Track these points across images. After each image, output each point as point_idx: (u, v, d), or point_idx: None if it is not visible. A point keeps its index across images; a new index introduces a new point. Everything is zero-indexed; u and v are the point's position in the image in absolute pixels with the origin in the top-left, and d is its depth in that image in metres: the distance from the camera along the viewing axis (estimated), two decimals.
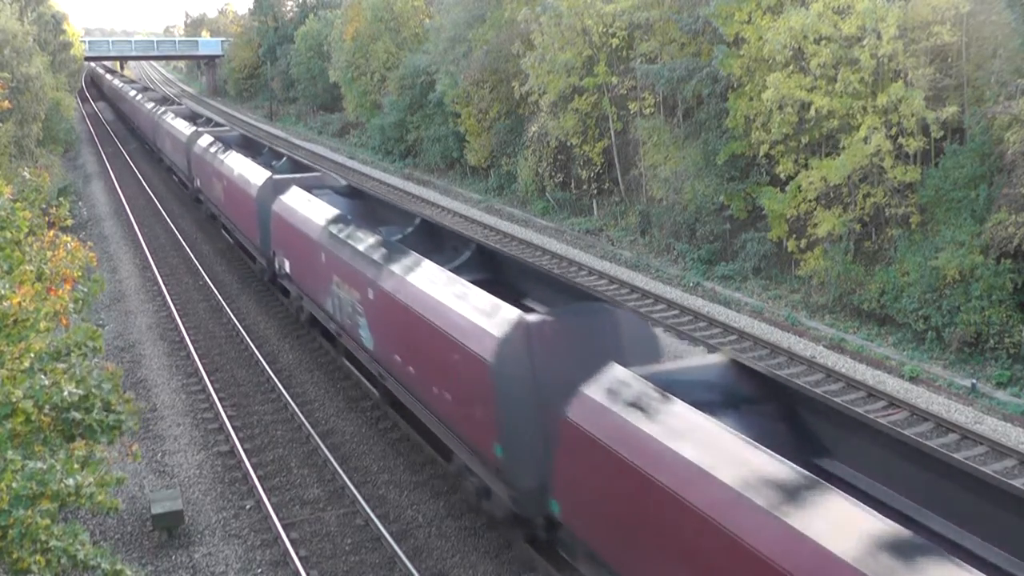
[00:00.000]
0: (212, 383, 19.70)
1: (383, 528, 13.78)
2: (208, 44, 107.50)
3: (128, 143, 62.34)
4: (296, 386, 19.66)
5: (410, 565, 12.79)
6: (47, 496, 7.31)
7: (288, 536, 13.70)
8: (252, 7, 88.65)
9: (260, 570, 13.15)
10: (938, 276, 20.86)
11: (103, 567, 7.71)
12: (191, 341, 22.34)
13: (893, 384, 19.52)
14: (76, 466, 7.83)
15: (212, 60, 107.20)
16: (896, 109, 22.20)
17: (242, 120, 77.51)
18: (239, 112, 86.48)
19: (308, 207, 20.67)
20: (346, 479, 15.32)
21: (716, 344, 21.75)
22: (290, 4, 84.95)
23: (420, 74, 47.47)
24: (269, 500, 14.74)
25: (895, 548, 6.82)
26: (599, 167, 35.18)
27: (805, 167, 24.61)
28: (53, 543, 7.37)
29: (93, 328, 9.67)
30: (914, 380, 19.91)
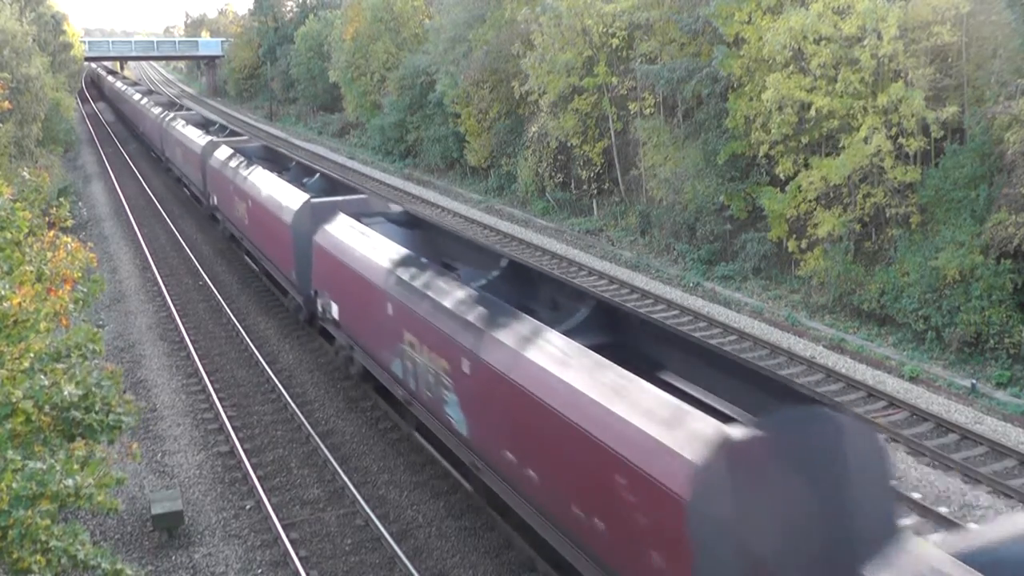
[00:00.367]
0: (212, 383, 19.69)
1: (383, 528, 13.78)
2: (208, 44, 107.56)
3: (128, 143, 62.34)
4: (296, 386, 19.66)
5: (410, 565, 12.80)
6: (47, 496, 7.31)
7: (288, 536, 13.70)
8: (252, 7, 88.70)
9: (260, 570, 13.15)
10: (938, 276, 20.86)
11: (103, 567, 7.72)
12: (191, 341, 22.34)
13: (893, 384, 19.52)
14: (76, 466, 7.83)
15: (212, 60, 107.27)
16: (896, 109, 22.20)
17: (242, 120, 77.50)
18: (239, 112, 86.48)
19: (363, 242, 17.18)
20: (346, 479, 15.32)
21: (716, 344, 21.74)
22: (290, 4, 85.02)
23: (420, 74, 47.48)
24: (269, 500, 14.74)
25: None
26: (599, 167, 35.18)
27: (805, 167, 24.62)
28: (53, 543, 7.38)
29: (93, 329, 9.68)
30: (914, 380, 19.91)
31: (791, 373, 20.15)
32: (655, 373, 11.19)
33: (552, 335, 11.38)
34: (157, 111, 49.18)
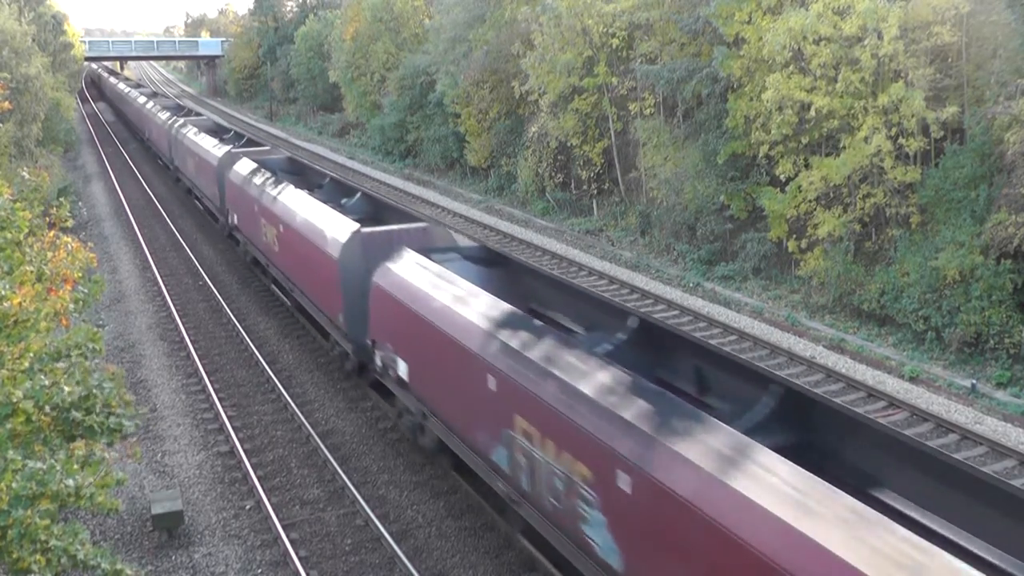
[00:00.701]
0: (212, 383, 19.70)
1: (383, 528, 13.78)
2: (208, 44, 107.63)
3: (128, 143, 62.35)
4: (296, 386, 19.66)
5: (410, 565, 12.80)
6: (47, 496, 7.32)
7: (288, 536, 13.70)
8: (252, 7, 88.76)
9: (260, 570, 13.15)
10: (938, 276, 20.86)
11: (103, 567, 7.72)
12: (191, 341, 22.34)
13: (893, 384, 19.52)
14: (76, 466, 7.83)
15: (212, 60, 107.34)
16: (896, 109, 22.21)
17: (242, 120, 77.51)
18: (239, 112, 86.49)
19: (442, 287, 14.05)
20: (346, 479, 15.32)
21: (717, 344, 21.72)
22: (290, 4, 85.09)
23: (420, 74, 47.50)
24: (269, 500, 14.74)
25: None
26: (599, 167, 35.19)
27: (805, 167, 24.63)
28: (53, 543, 7.38)
29: (93, 329, 9.68)
30: (914, 380, 19.91)
31: (791, 373, 20.16)
32: (867, 491, 8.74)
33: (760, 453, 8.38)
34: (165, 116, 46.41)
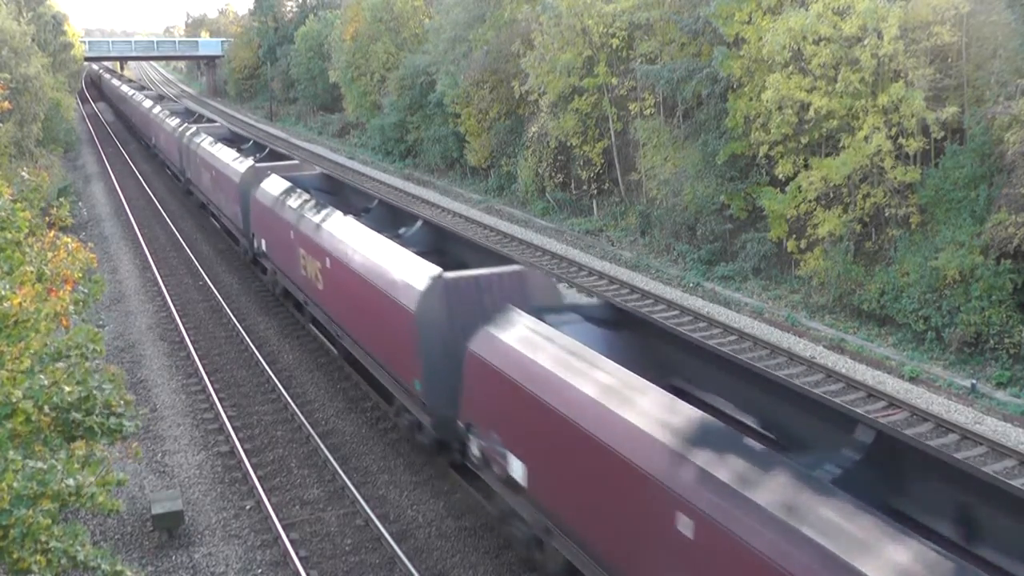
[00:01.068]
0: (212, 383, 19.70)
1: (383, 528, 13.78)
2: (208, 44, 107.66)
3: (128, 143, 62.35)
4: (296, 386, 19.66)
5: (410, 565, 12.80)
6: (48, 496, 7.32)
7: (288, 536, 13.70)
8: (252, 7, 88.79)
9: (260, 570, 13.15)
10: (938, 276, 20.86)
11: (103, 567, 7.73)
12: (191, 341, 22.34)
13: (893, 384, 19.52)
14: (76, 466, 7.83)
15: (212, 60, 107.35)
16: (896, 109, 22.21)
17: (243, 120, 77.50)
18: (239, 112, 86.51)
19: (574, 367, 10.62)
20: (346, 479, 15.32)
21: (718, 344, 21.74)
22: (290, 4, 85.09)
23: (420, 74, 47.50)
24: (269, 500, 14.74)
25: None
26: (599, 168, 35.19)
27: (805, 167, 24.63)
28: (53, 543, 7.38)
29: (93, 329, 9.69)
30: (914, 380, 19.91)
31: (791, 373, 20.16)
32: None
33: None
34: (175, 123, 42.66)
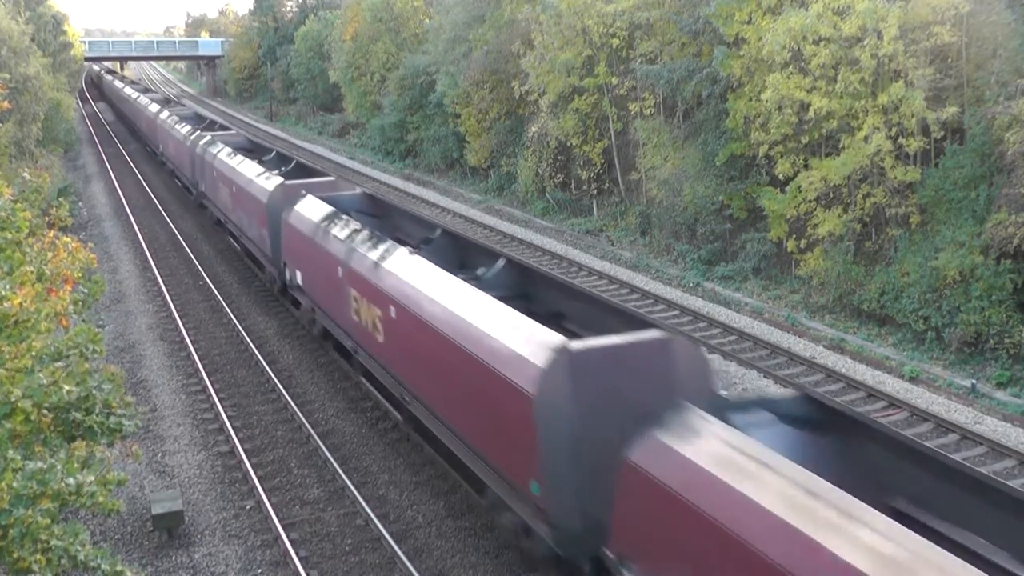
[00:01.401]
0: (212, 383, 19.69)
1: (383, 528, 13.78)
2: (208, 44, 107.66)
3: (128, 143, 62.34)
4: (296, 386, 19.66)
5: (410, 565, 12.79)
6: (47, 496, 7.32)
7: (288, 536, 13.70)
8: (252, 7, 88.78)
9: (260, 570, 13.15)
10: (938, 276, 20.86)
11: (103, 567, 7.72)
12: (191, 341, 22.34)
13: (893, 384, 19.52)
14: (76, 466, 7.83)
15: (212, 60, 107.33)
16: (896, 109, 22.21)
17: (243, 121, 77.50)
18: (239, 113, 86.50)
19: (801, 527, 7.56)
20: (346, 479, 15.32)
21: (716, 344, 21.75)
22: (290, 4, 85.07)
23: (420, 74, 47.50)
24: (269, 500, 14.74)
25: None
26: (599, 167, 35.19)
27: (805, 167, 24.63)
28: (53, 543, 7.38)
29: (94, 330, 9.68)
30: (914, 380, 19.91)
31: (791, 373, 20.17)
32: None
33: None
34: (186, 131, 38.96)
